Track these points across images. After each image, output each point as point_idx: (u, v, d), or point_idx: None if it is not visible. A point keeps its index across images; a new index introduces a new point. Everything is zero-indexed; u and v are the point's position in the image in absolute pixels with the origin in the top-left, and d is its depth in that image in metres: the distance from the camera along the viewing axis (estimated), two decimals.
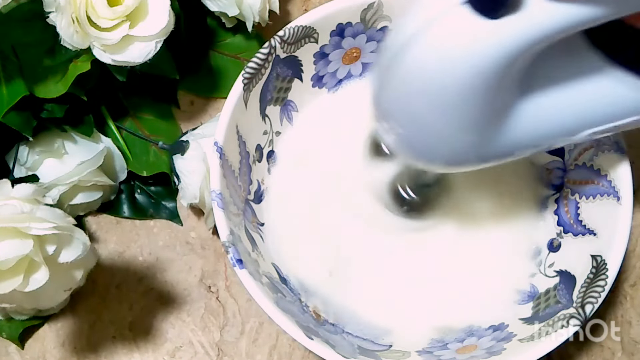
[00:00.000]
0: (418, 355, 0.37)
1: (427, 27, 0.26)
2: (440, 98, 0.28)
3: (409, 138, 0.32)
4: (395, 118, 0.31)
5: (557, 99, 0.30)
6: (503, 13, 0.25)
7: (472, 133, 0.30)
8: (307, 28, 0.39)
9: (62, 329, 0.43)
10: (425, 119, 0.30)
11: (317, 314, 0.38)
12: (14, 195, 0.33)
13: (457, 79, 0.27)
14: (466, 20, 0.25)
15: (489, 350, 0.36)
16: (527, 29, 0.25)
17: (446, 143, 0.31)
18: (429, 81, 0.27)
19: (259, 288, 0.34)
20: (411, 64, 0.27)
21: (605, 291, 0.35)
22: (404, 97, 0.29)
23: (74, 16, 0.36)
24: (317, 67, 0.41)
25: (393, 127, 0.32)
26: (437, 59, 0.27)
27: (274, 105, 0.41)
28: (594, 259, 0.36)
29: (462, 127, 0.29)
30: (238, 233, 0.36)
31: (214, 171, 0.36)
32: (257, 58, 0.38)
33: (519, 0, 0.24)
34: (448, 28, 0.26)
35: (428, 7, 0.27)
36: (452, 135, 0.30)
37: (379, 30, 0.41)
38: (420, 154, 0.33)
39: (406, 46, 0.27)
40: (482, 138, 0.30)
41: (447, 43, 0.26)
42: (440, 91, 0.27)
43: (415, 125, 0.30)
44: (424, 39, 0.27)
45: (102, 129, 0.44)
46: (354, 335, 0.38)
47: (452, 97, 0.28)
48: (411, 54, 0.27)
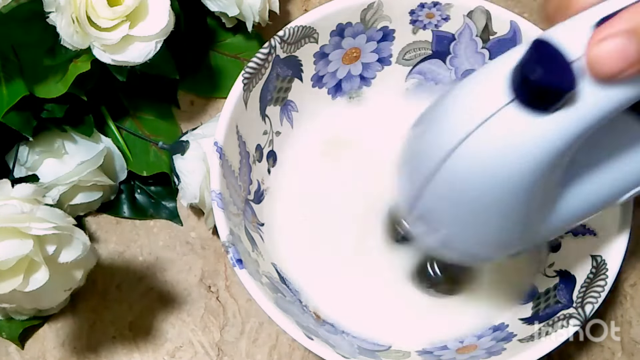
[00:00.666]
0: (418, 355, 0.37)
1: (477, 128, 0.25)
2: (491, 198, 0.27)
3: (450, 238, 0.31)
4: (437, 220, 0.30)
5: (601, 174, 0.29)
6: (556, 108, 0.24)
7: (521, 229, 0.29)
8: (307, 28, 0.39)
9: (62, 329, 0.43)
10: (472, 219, 0.29)
11: (316, 314, 0.38)
12: (14, 195, 0.33)
13: (511, 177, 0.26)
14: (518, 118, 0.24)
15: (489, 350, 0.36)
16: (581, 120, 0.24)
17: (491, 239, 0.30)
18: (479, 183, 0.26)
19: (259, 288, 0.34)
20: (462, 166, 0.26)
21: (605, 291, 0.35)
22: (451, 200, 0.28)
23: (74, 16, 0.36)
24: (317, 67, 0.41)
25: (433, 229, 0.31)
26: (492, 160, 0.25)
27: (274, 105, 0.41)
28: (594, 259, 0.36)
29: (511, 224, 0.28)
30: (238, 233, 0.36)
31: (214, 171, 0.36)
32: (257, 58, 0.38)
33: (574, 96, 0.23)
34: (501, 128, 0.25)
35: (472, 108, 0.26)
36: (499, 233, 0.29)
37: (378, 30, 0.41)
38: (462, 252, 0.32)
39: (453, 149, 0.26)
40: (529, 229, 0.30)
41: (501, 143, 0.25)
42: (491, 192, 0.26)
43: (461, 225, 0.29)
44: (475, 140, 0.25)
45: (102, 129, 0.44)
46: (354, 336, 0.38)
47: (505, 195, 0.26)
48: (462, 157, 0.26)
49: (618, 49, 0.22)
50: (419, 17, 0.41)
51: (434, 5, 0.40)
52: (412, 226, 0.32)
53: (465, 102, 0.26)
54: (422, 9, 0.40)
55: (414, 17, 0.41)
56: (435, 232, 0.31)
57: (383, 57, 0.43)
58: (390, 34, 0.41)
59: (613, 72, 0.23)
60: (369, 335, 0.38)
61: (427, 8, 0.40)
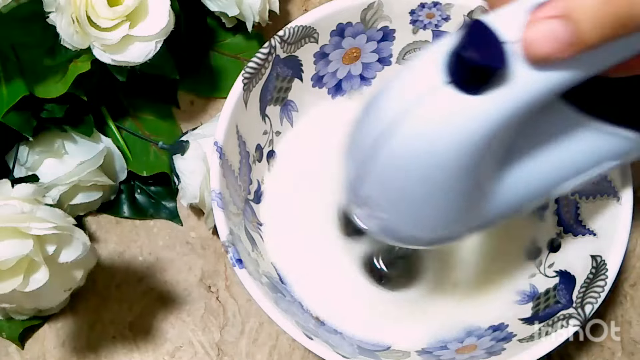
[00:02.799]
0: (417, 355, 0.37)
1: (412, 109, 0.25)
2: (429, 179, 0.27)
3: (391, 221, 0.31)
4: (377, 204, 0.30)
5: (540, 161, 0.29)
6: (489, 88, 0.24)
7: (460, 210, 0.29)
8: (307, 28, 0.39)
9: (62, 329, 0.43)
10: (411, 202, 0.28)
11: (316, 315, 0.38)
12: (14, 195, 0.33)
13: (447, 158, 0.26)
14: (453, 98, 0.24)
15: (488, 350, 0.36)
16: (514, 101, 0.24)
17: (432, 223, 0.30)
18: (416, 164, 0.26)
19: (259, 288, 0.34)
20: (397, 148, 0.26)
21: (605, 291, 0.35)
22: (388, 183, 0.28)
23: (74, 16, 0.36)
24: (317, 67, 0.41)
25: (374, 213, 0.31)
26: (427, 141, 0.25)
27: (274, 105, 0.41)
28: (594, 259, 0.36)
29: (450, 205, 0.28)
30: (238, 233, 0.36)
31: (213, 171, 0.36)
32: (257, 58, 0.38)
33: (505, 75, 0.24)
34: (435, 108, 0.25)
35: (407, 90, 0.26)
36: (439, 215, 0.29)
37: (379, 30, 0.41)
38: (404, 236, 0.32)
39: (389, 131, 0.26)
40: (468, 213, 0.30)
41: (436, 123, 0.25)
42: (429, 173, 0.26)
43: (400, 208, 0.29)
44: (410, 122, 0.25)
45: (102, 129, 0.44)
46: (353, 337, 0.38)
47: (442, 176, 0.27)
48: (397, 139, 0.26)
49: (551, 32, 0.23)
50: (419, 17, 0.41)
51: (434, 5, 0.40)
52: (357, 213, 0.32)
53: (400, 85, 0.26)
54: (422, 9, 0.40)
55: (414, 17, 0.41)
56: (376, 217, 0.31)
57: (383, 57, 0.43)
58: (390, 34, 0.41)
59: (545, 54, 0.23)
60: (368, 337, 0.38)
61: (427, 8, 0.40)
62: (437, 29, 0.41)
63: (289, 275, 0.40)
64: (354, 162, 0.29)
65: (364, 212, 0.32)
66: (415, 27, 0.41)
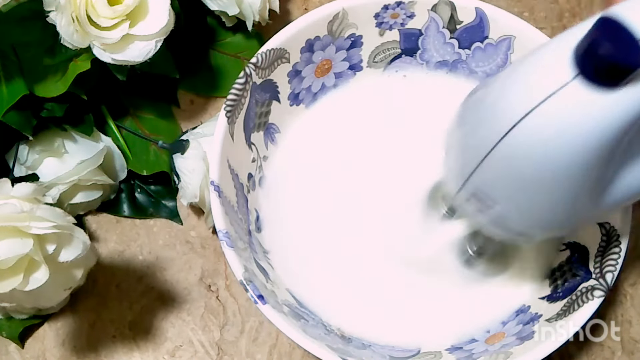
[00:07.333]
0: (449, 353, 0.37)
1: (540, 105, 0.25)
2: (551, 175, 0.27)
3: (504, 215, 0.31)
4: (492, 197, 0.30)
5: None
6: (622, 84, 0.24)
7: (575, 206, 0.29)
8: (278, 50, 0.39)
9: (62, 328, 0.43)
10: (528, 197, 0.29)
11: (341, 332, 0.38)
12: (14, 195, 0.33)
13: (573, 155, 0.26)
14: (584, 94, 0.24)
15: (518, 335, 0.36)
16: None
17: (544, 217, 0.30)
18: (540, 160, 0.26)
19: (285, 320, 0.34)
20: (522, 143, 0.26)
21: (622, 257, 0.35)
22: (508, 177, 0.28)
23: (74, 15, 0.36)
24: (292, 85, 0.42)
25: (487, 206, 0.31)
26: (554, 137, 0.25)
27: (257, 131, 0.41)
28: (602, 226, 0.36)
29: (566, 201, 0.28)
30: (251, 268, 0.36)
31: (216, 211, 0.35)
32: (235, 89, 0.38)
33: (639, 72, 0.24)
34: (565, 104, 0.25)
35: (534, 85, 0.26)
36: (553, 210, 0.29)
37: (346, 38, 0.41)
38: (514, 230, 0.32)
39: (514, 127, 0.26)
40: (582, 209, 0.30)
41: (566, 119, 0.25)
42: (552, 168, 0.26)
43: (515, 202, 0.29)
44: (539, 115, 0.25)
45: (102, 128, 0.44)
46: (381, 346, 0.38)
47: (564, 173, 0.27)
48: (522, 134, 0.26)
49: None
50: (384, 19, 0.41)
51: (397, 5, 0.40)
52: (463, 204, 0.32)
53: (526, 79, 0.26)
54: (386, 11, 0.40)
55: (379, 19, 0.41)
56: (488, 209, 0.31)
57: (354, 64, 0.43)
58: (358, 40, 0.42)
59: None
60: (395, 343, 0.38)
61: (391, 9, 0.40)
62: (403, 27, 0.42)
63: (306, 297, 0.39)
64: (465, 155, 0.29)
65: (472, 204, 0.31)
66: (382, 29, 0.42)
